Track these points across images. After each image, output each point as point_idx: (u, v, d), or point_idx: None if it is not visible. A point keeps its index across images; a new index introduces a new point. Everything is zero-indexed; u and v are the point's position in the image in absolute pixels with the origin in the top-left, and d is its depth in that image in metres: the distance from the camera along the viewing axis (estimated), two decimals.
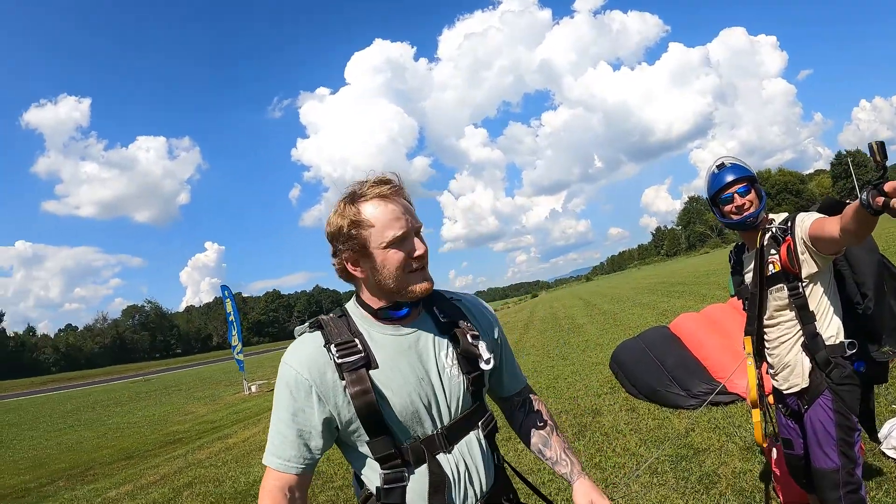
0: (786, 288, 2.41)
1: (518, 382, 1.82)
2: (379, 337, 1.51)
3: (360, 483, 1.54)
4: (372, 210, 1.45)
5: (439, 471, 1.47)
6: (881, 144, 1.93)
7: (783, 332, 2.49)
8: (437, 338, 1.56)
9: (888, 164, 1.87)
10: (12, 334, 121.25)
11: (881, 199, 1.69)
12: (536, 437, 1.75)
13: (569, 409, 7.06)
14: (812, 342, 2.39)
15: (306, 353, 1.46)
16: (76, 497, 8.26)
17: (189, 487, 7.33)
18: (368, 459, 1.49)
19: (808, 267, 2.34)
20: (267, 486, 1.45)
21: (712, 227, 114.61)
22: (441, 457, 1.49)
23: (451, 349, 1.55)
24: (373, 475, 1.49)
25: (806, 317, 2.39)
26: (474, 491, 1.52)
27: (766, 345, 2.60)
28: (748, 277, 2.61)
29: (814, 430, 2.40)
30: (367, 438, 1.45)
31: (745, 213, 2.48)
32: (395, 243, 1.45)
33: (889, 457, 3.59)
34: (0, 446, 18.13)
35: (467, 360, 1.55)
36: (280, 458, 1.45)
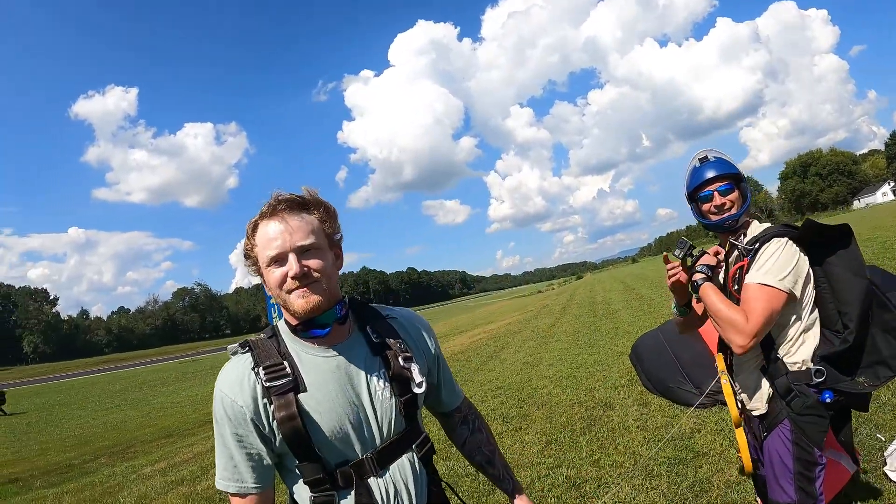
0: None
1: (456, 397, 1.80)
2: (308, 358, 1.48)
3: (294, 503, 1.53)
4: (259, 230, 1.46)
5: (368, 496, 1.45)
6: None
7: (746, 354, 2.26)
8: (368, 359, 1.52)
9: None
10: (66, 317, 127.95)
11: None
12: (480, 455, 1.79)
13: (582, 401, 6.95)
14: (772, 367, 2.20)
15: (236, 379, 1.43)
16: (114, 473, 8.64)
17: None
18: (301, 480, 1.46)
19: None
20: None
21: (761, 207, 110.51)
22: (371, 480, 1.46)
23: (382, 370, 1.52)
24: (305, 496, 1.47)
25: (765, 340, 2.18)
26: None
27: (732, 362, 2.42)
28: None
29: (770, 460, 2.22)
30: (297, 462, 1.44)
31: (724, 215, 2.28)
32: (272, 262, 1.43)
33: (891, 479, 3.33)
34: (50, 425, 19.18)
35: (399, 383, 1.52)
36: (237, 482, 1.44)
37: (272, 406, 1.40)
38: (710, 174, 2.31)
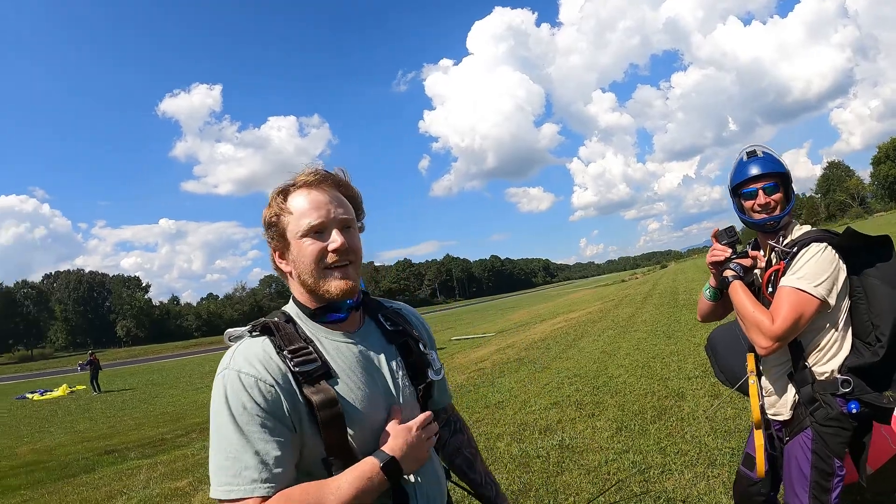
0: None
1: (447, 397, 1.72)
2: (330, 344, 1.36)
3: None
4: (295, 198, 1.36)
5: (402, 490, 1.34)
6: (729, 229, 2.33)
7: (773, 358, 2.29)
8: (384, 346, 1.45)
9: None
10: (158, 303, 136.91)
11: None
12: (461, 458, 1.70)
13: (655, 391, 7.04)
14: (799, 375, 2.19)
15: (260, 357, 1.25)
16: (205, 447, 9.41)
17: None
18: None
19: None
20: None
21: (853, 195, 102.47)
22: (405, 478, 1.34)
23: (399, 359, 1.45)
24: None
25: (795, 347, 2.18)
26: None
27: (761, 366, 2.41)
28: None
29: (789, 465, 2.23)
30: (323, 456, 1.27)
31: (767, 214, 2.24)
32: (310, 233, 1.33)
33: None
34: (143, 402, 20.72)
35: (415, 370, 1.47)
36: (266, 482, 1.18)
37: (304, 392, 1.24)
38: (757, 171, 2.25)
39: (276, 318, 1.37)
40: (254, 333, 1.32)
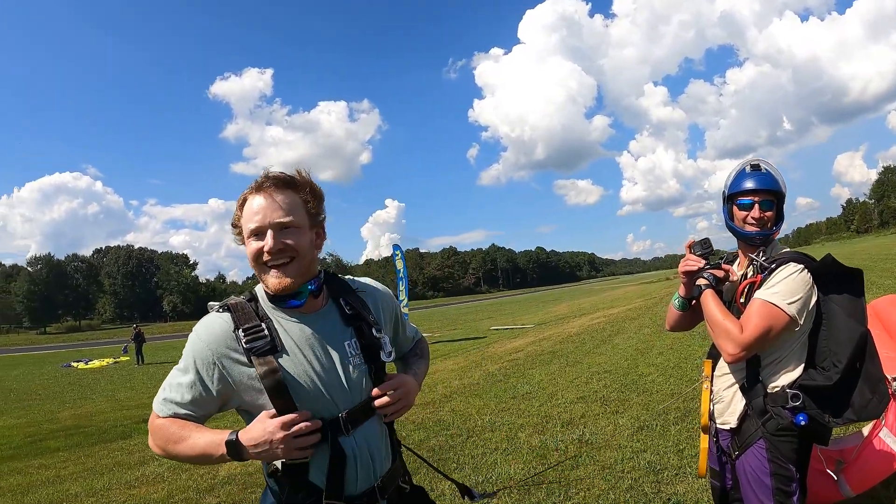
0: None
1: (410, 342, 2.05)
2: (285, 323, 1.61)
3: None
4: (246, 203, 1.60)
5: (340, 451, 1.58)
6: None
7: (727, 367, 2.35)
8: (340, 327, 1.67)
9: None
10: (205, 280, 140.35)
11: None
12: (406, 362, 2.02)
13: (682, 392, 6.97)
14: (751, 387, 2.25)
15: (216, 332, 1.56)
16: (237, 419, 9.68)
17: None
18: None
19: None
20: (150, 423, 1.63)
21: None
22: (342, 439, 1.59)
23: (353, 340, 1.67)
24: None
25: (752, 359, 2.23)
26: (372, 472, 1.65)
27: (714, 372, 2.46)
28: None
29: (747, 479, 2.26)
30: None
31: (759, 229, 2.28)
32: (252, 235, 1.58)
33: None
34: None
35: (369, 351, 1.68)
36: (177, 408, 1.59)
37: (252, 364, 1.53)
38: (757, 185, 2.28)
39: (241, 298, 1.66)
40: (219, 310, 1.62)
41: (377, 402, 1.65)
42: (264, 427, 1.51)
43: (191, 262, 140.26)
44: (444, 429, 7.00)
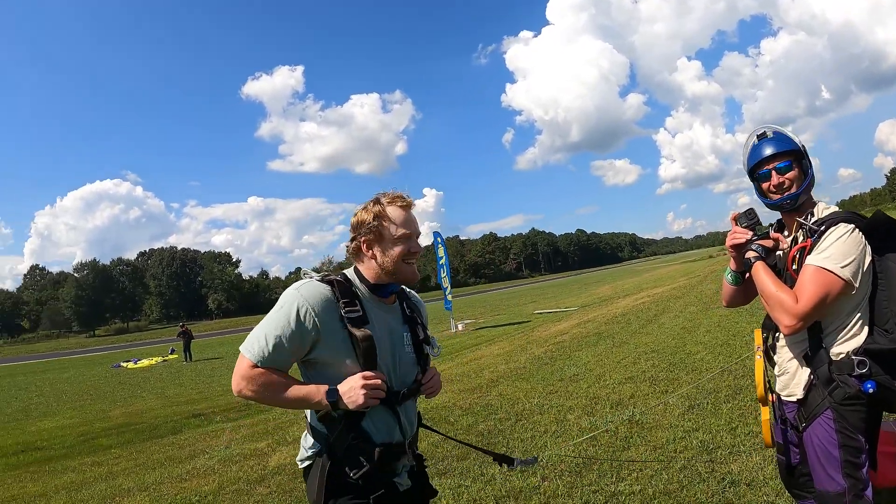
0: None
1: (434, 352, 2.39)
2: (370, 305, 2.00)
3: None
4: (393, 211, 2.01)
5: (397, 414, 2.01)
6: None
7: (789, 338, 2.26)
8: (402, 323, 2.12)
9: None
10: (248, 277, 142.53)
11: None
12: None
13: (733, 370, 6.89)
14: (815, 355, 2.17)
15: (320, 296, 1.88)
16: (286, 412, 9.77)
17: None
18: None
19: None
20: (247, 372, 1.87)
21: None
22: (399, 408, 2.03)
23: (408, 334, 2.11)
24: None
25: (814, 327, 2.15)
26: (407, 435, 2.06)
27: (776, 342, 2.36)
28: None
29: (815, 450, 2.19)
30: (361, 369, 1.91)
31: (783, 194, 2.22)
32: (402, 239, 2.00)
33: None
34: (231, 370, 21.75)
35: (418, 346, 2.13)
36: (275, 356, 1.85)
37: (347, 329, 1.87)
38: (768, 151, 2.25)
39: (339, 277, 1.99)
40: (320, 280, 1.95)
41: (426, 385, 2.11)
42: (356, 379, 1.84)
43: (234, 261, 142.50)
44: (493, 413, 7.05)
